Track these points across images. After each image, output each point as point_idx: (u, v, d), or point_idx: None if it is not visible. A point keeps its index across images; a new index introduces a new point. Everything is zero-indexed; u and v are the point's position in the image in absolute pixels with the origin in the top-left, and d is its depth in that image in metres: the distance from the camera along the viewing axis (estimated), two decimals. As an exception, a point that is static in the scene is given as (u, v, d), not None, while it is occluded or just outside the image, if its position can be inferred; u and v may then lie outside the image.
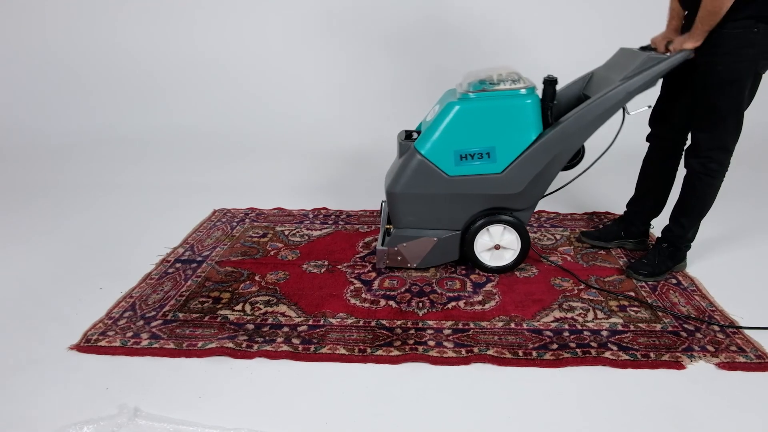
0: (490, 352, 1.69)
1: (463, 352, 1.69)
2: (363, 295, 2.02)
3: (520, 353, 1.69)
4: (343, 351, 1.70)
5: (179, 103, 4.02)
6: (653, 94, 2.06)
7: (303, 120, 3.96)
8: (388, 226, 2.18)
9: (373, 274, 2.17)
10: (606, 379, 1.59)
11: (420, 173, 1.99)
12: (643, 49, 2.07)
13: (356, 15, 3.87)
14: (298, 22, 3.93)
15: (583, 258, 2.29)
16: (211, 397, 1.53)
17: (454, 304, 1.96)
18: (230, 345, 1.72)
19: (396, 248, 2.10)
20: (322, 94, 4.03)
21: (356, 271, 2.20)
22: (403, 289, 2.06)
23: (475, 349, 1.70)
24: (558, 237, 2.50)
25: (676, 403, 1.50)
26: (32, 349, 1.73)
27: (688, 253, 2.17)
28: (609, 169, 2.60)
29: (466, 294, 2.03)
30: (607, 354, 1.67)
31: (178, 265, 2.26)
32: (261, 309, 1.93)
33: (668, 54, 1.92)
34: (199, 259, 2.30)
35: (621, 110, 2.00)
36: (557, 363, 1.64)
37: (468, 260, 2.14)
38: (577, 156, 2.16)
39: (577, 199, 2.92)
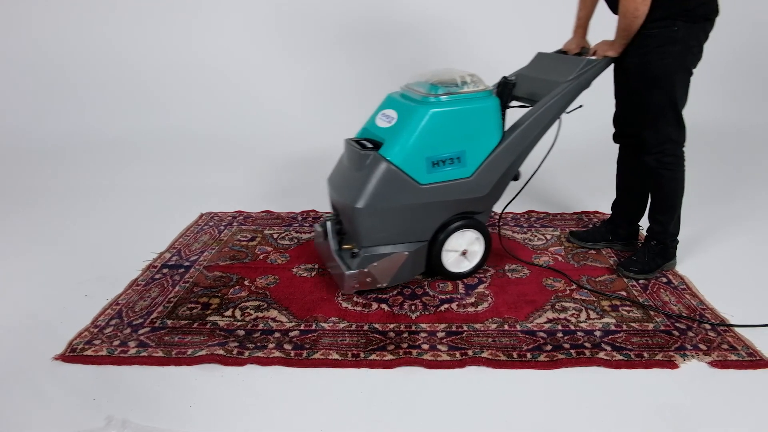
0: (485, 354, 1.68)
1: (458, 355, 1.68)
2: (355, 299, 2.00)
3: (515, 355, 1.68)
4: (336, 356, 1.68)
5: (164, 105, 3.97)
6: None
7: (291, 122, 3.93)
8: (346, 246, 2.00)
9: (365, 277, 2.14)
10: (601, 379, 1.59)
11: (390, 184, 1.86)
12: (560, 53, 2.21)
13: (343, 19, 3.85)
14: (286, 26, 3.90)
15: (574, 258, 2.29)
16: (202, 407, 1.50)
17: (446, 306, 1.95)
18: (221, 352, 1.69)
19: (366, 269, 1.93)
20: (309, 96, 4.00)
21: (347, 275, 2.17)
22: (395, 292, 2.04)
23: (470, 352, 1.69)
24: (548, 237, 2.50)
25: (671, 402, 1.50)
26: (15, 359, 1.68)
27: (678, 252, 2.18)
28: (597, 166, 2.60)
29: (459, 296, 2.01)
30: (601, 354, 1.67)
31: (165, 270, 2.21)
32: (251, 314, 1.90)
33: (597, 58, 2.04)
34: (187, 264, 2.26)
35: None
36: (552, 364, 1.64)
37: (433, 270, 2.07)
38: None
39: (567, 198, 2.93)
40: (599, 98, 2.20)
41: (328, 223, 2.02)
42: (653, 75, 1.89)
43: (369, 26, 3.88)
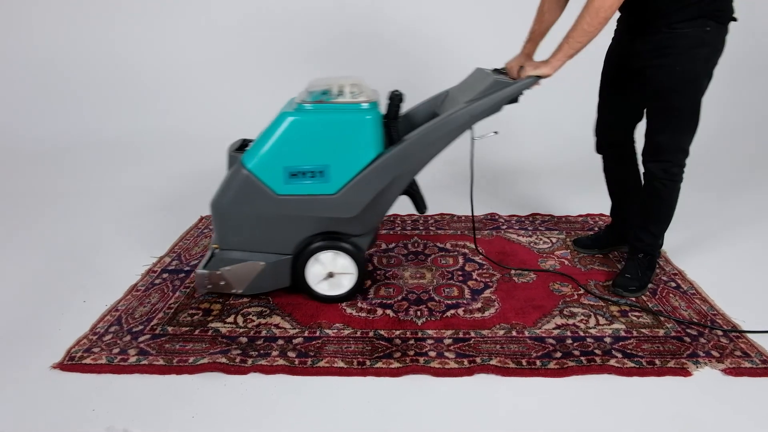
0: (493, 362, 1.64)
1: (466, 362, 1.64)
2: (359, 304, 1.96)
3: (524, 362, 1.64)
4: (341, 364, 1.64)
5: (164, 106, 3.91)
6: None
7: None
8: (214, 246, 1.94)
9: (369, 282, 2.11)
10: (612, 387, 1.56)
11: (245, 190, 1.79)
12: (497, 71, 1.98)
13: (345, 19, 3.82)
14: (286, 26, 3.86)
15: (580, 262, 2.26)
16: (204, 417, 1.46)
17: (453, 312, 1.91)
18: (223, 360, 1.65)
19: (219, 272, 1.87)
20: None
21: (351, 279, 2.13)
22: (399, 297, 2.00)
23: (478, 359, 1.65)
24: (554, 240, 2.46)
25: (685, 411, 1.46)
26: (11, 368, 1.64)
27: (685, 256, 2.15)
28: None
29: (465, 301, 1.98)
30: (612, 362, 1.64)
31: (165, 275, 2.17)
32: (254, 321, 1.86)
33: (516, 80, 1.85)
34: (187, 268, 2.22)
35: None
36: (562, 372, 1.60)
37: (299, 288, 1.95)
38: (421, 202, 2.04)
39: (570, 201, 2.89)
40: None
41: None
42: (682, 78, 1.76)
43: (370, 27, 3.84)
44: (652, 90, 1.83)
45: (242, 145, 1.95)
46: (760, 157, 3.53)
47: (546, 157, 3.53)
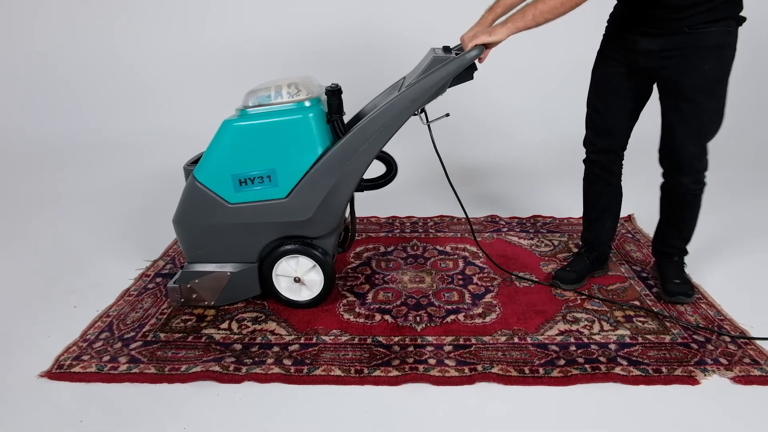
0: (495, 369, 1.59)
1: (466, 370, 1.59)
2: (357, 310, 1.91)
3: (527, 370, 1.59)
4: (338, 372, 1.59)
5: (160, 106, 3.86)
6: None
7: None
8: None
9: (367, 287, 2.06)
10: (618, 396, 1.51)
11: (198, 202, 1.79)
12: (447, 49, 1.82)
13: (345, 21, 3.77)
14: (286, 27, 3.81)
15: (583, 265, 2.21)
16: (197, 427, 1.41)
17: (453, 317, 1.86)
18: (216, 368, 1.60)
19: (188, 285, 1.87)
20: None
21: (348, 284, 2.08)
22: (398, 302, 1.96)
23: (479, 367, 1.61)
24: (556, 243, 2.42)
25: (694, 421, 1.42)
26: (-2, 377, 1.59)
27: (687, 259, 2.09)
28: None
29: (465, 306, 1.93)
30: (618, 369, 1.59)
31: (158, 279, 2.12)
32: (249, 327, 1.81)
33: (457, 54, 1.70)
34: (181, 272, 2.17)
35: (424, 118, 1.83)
36: (566, 380, 1.55)
37: (269, 294, 1.93)
38: (389, 174, 1.99)
39: (571, 202, 2.84)
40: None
41: None
42: (711, 78, 1.67)
43: (371, 28, 3.80)
44: (677, 91, 1.72)
45: (198, 159, 1.90)
46: (760, 158, 3.49)
47: (546, 158, 3.48)
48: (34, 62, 3.88)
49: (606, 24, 1.87)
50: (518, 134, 3.63)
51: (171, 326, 1.82)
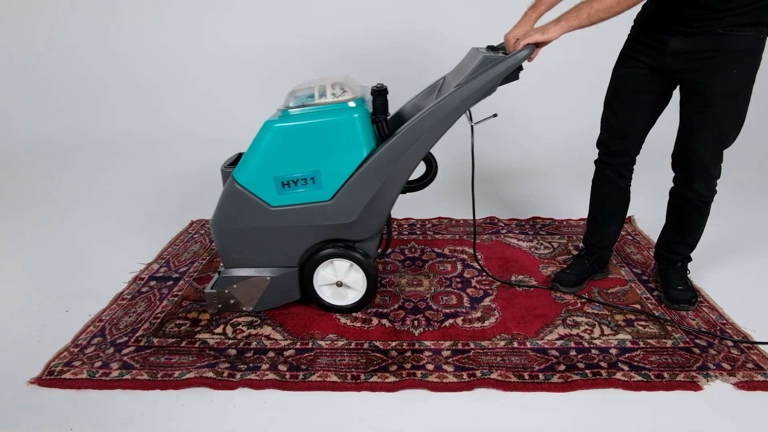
0: (494, 375, 1.57)
1: (465, 376, 1.57)
2: (353, 314, 1.88)
3: (526, 376, 1.57)
4: (334, 378, 1.56)
5: (154, 108, 3.83)
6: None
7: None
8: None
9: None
10: (619, 402, 1.48)
11: (239, 205, 1.74)
12: (491, 48, 1.80)
13: (345, 22, 3.74)
14: (286, 27, 3.78)
15: (583, 268, 2.18)
16: (189, 436, 1.38)
17: (451, 321, 1.84)
18: (210, 374, 1.56)
19: (226, 291, 1.84)
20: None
21: (345, 287, 2.06)
22: (396, 306, 1.93)
23: (478, 373, 1.58)
24: (555, 245, 2.39)
25: (697, 428, 1.39)
26: (-13, 383, 1.55)
27: (695, 264, 2.06)
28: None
29: (464, 310, 1.90)
30: (619, 375, 1.56)
31: (152, 282, 2.09)
32: (244, 331, 1.78)
33: (508, 54, 1.68)
34: (176, 275, 2.14)
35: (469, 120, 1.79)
36: (566, 386, 1.53)
37: (310, 299, 1.89)
38: (430, 173, 1.95)
39: (571, 204, 2.82)
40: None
41: None
42: (738, 83, 1.63)
43: (373, 31, 3.77)
44: (702, 95, 1.68)
45: (236, 160, 1.86)
46: (765, 162, 3.47)
47: (546, 159, 3.46)
48: (31, 62, 3.85)
49: (632, 24, 1.82)
50: (518, 134, 3.60)
51: (165, 331, 1.79)
